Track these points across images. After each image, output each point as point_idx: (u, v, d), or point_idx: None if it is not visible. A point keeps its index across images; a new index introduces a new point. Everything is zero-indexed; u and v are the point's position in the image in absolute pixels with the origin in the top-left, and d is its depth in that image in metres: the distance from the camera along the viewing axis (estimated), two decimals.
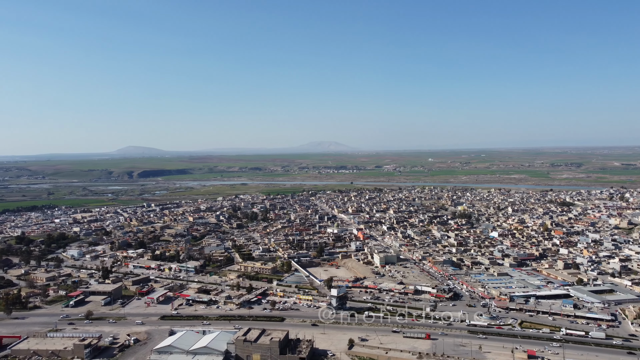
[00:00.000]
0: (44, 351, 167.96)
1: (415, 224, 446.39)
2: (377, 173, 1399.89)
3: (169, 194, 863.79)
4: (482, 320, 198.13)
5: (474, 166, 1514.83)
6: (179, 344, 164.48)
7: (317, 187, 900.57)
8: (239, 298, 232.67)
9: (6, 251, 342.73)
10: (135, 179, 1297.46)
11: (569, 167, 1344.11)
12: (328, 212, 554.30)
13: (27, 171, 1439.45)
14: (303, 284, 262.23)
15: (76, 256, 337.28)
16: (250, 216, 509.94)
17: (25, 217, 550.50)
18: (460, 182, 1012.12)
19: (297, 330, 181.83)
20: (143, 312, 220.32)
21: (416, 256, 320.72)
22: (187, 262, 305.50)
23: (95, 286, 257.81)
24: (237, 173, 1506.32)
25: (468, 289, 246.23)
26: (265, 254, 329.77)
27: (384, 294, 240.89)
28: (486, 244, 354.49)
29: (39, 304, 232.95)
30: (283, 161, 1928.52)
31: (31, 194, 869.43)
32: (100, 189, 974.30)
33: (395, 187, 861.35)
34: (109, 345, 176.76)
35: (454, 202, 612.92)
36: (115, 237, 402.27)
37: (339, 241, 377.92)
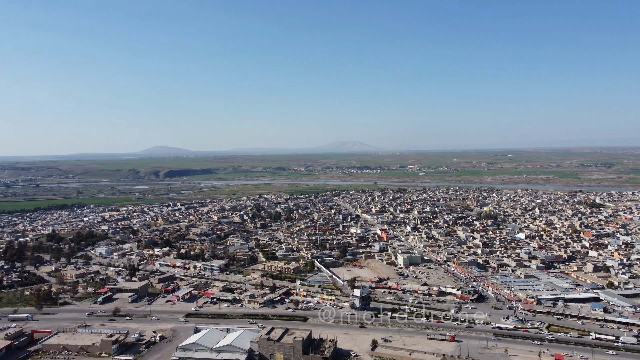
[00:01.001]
0: (73, 346, 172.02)
1: (439, 225, 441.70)
2: (401, 173, 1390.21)
3: (194, 193, 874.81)
4: (508, 323, 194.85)
5: (500, 166, 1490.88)
6: (204, 341, 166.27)
7: (340, 187, 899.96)
8: (263, 297, 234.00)
9: (38, 248, 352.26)
10: (161, 178, 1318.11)
11: (599, 168, 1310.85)
12: (351, 212, 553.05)
13: (57, 171, 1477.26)
14: (326, 283, 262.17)
15: (104, 254, 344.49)
16: (274, 216, 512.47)
17: (55, 216, 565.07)
18: (486, 182, 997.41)
19: (320, 330, 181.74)
20: (168, 309, 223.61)
21: (440, 257, 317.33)
22: (212, 261, 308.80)
23: (123, 283, 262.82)
24: (261, 173, 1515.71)
25: (494, 291, 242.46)
26: (288, 254, 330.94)
27: (408, 295, 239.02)
28: (512, 245, 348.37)
29: (68, 300, 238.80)
30: (307, 161, 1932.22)
31: (61, 193, 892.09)
32: (128, 189, 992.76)
33: (420, 188, 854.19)
34: (135, 342, 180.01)
35: (479, 202, 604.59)
36: (141, 236, 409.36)
37: (362, 241, 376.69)
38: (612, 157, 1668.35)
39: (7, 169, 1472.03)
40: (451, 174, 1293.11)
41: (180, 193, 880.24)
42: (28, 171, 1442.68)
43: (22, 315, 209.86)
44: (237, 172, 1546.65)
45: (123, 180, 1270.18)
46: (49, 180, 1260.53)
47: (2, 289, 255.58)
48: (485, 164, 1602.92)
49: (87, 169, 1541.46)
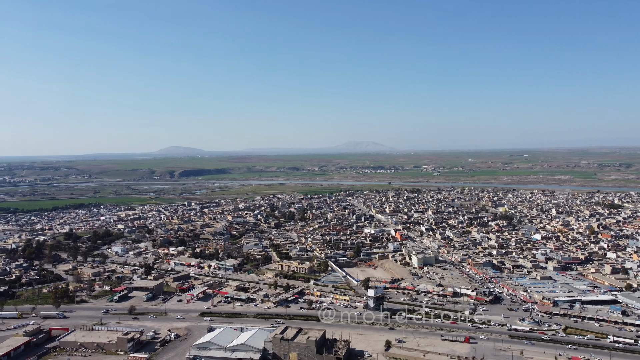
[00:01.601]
0: (90, 344, 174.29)
1: (454, 225, 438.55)
2: (415, 173, 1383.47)
3: (208, 193, 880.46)
4: (524, 324, 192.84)
5: (516, 167, 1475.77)
6: (218, 340, 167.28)
7: (354, 187, 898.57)
8: (276, 297, 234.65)
9: (55, 247, 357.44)
10: (176, 178, 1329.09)
11: (618, 168, 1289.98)
12: (365, 212, 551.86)
13: (75, 170, 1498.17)
14: (340, 284, 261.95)
15: (120, 253, 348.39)
16: (288, 216, 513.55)
17: (73, 215, 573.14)
18: (502, 182, 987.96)
19: (334, 330, 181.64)
20: (183, 308, 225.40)
21: (455, 258, 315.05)
22: (226, 260, 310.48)
23: (138, 282, 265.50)
24: (275, 173, 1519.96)
25: (509, 293, 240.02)
26: (302, 254, 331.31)
27: (422, 295, 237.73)
28: (528, 246, 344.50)
29: (85, 298, 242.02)
30: (320, 161, 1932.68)
31: (79, 192, 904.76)
32: (144, 188, 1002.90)
33: (434, 188, 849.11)
34: (150, 340, 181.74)
35: (494, 203, 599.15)
36: (157, 235, 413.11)
37: (376, 242, 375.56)
38: (631, 157, 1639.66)
39: (26, 169, 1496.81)
40: (466, 174, 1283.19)
41: (195, 193, 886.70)
42: (46, 171, 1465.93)
43: (53, 312, 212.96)
44: (251, 172, 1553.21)
45: (139, 179, 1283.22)
46: (67, 179, 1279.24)
47: (21, 287, 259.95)
48: (500, 164, 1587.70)
49: (104, 168, 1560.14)
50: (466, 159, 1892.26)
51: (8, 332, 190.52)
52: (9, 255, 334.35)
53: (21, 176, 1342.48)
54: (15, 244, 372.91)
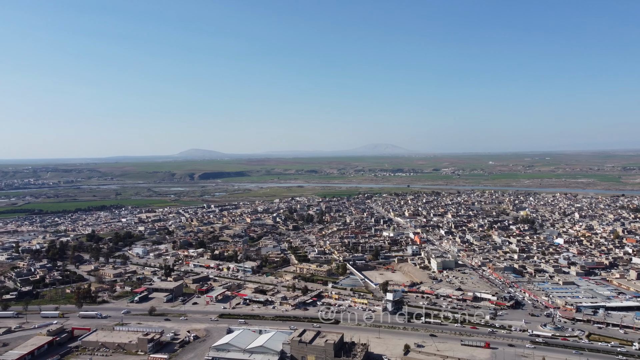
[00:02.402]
0: (111, 344, 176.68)
1: (474, 229, 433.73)
2: (434, 176, 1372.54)
3: (227, 195, 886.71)
4: (546, 330, 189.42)
5: (537, 169, 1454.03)
6: (237, 342, 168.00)
7: (373, 190, 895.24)
8: (295, 299, 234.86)
9: (78, 248, 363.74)
10: (196, 180, 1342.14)
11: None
12: (384, 215, 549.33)
13: (97, 173, 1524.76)
14: (358, 287, 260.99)
15: (141, 254, 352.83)
16: (306, 218, 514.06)
17: (95, 216, 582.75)
18: (523, 186, 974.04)
19: (352, 334, 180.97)
20: (202, 309, 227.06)
21: (475, 262, 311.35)
22: (245, 262, 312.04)
23: (158, 283, 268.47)
24: (294, 175, 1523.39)
25: (531, 298, 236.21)
26: (320, 256, 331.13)
27: (441, 300, 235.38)
28: (550, 251, 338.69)
29: (106, 298, 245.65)
30: (339, 164, 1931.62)
31: (101, 194, 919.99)
32: (164, 190, 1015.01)
33: (454, 191, 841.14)
34: (170, 341, 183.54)
35: (516, 206, 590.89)
36: (177, 237, 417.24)
37: (394, 245, 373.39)
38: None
39: (50, 171, 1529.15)
40: (486, 177, 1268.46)
41: (214, 195, 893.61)
42: (70, 173, 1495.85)
43: (92, 312, 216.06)
44: (270, 175, 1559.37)
45: (159, 182, 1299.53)
46: (89, 182, 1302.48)
47: (45, 287, 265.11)
48: (522, 167, 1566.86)
49: (125, 171, 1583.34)
50: (486, 161, 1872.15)
51: (32, 331, 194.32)
52: (34, 255, 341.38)
53: (45, 178, 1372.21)
54: (39, 244, 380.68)
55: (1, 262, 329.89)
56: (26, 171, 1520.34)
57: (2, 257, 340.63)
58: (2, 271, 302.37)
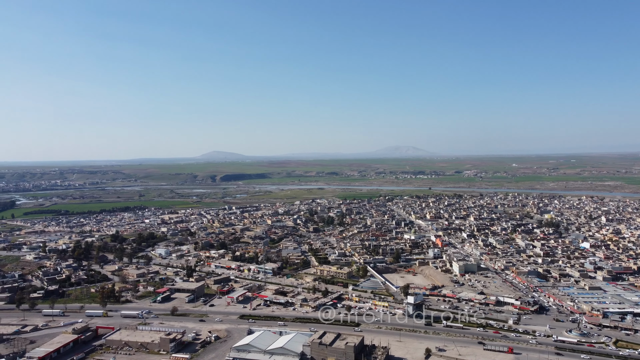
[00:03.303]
0: (134, 343, 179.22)
1: (497, 232, 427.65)
2: (456, 178, 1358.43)
3: (248, 197, 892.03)
4: (572, 336, 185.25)
5: (562, 172, 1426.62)
6: (257, 343, 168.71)
7: (394, 192, 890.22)
8: (315, 301, 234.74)
9: (103, 248, 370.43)
10: (217, 182, 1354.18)
11: None
12: (405, 217, 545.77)
13: (121, 174, 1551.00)
14: (379, 289, 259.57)
15: (163, 255, 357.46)
16: (327, 220, 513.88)
17: (119, 217, 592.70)
18: (548, 188, 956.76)
19: (372, 336, 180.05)
20: (223, 310, 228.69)
21: (498, 266, 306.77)
22: (265, 264, 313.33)
23: (180, 284, 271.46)
24: (314, 177, 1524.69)
25: (555, 303, 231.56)
26: (341, 259, 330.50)
27: (463, 303, 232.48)
28: (576, 255, 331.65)
29: (130, 298, 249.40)
30: (360, 166, 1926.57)
31: (125, 195, 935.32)
32: (186, 192, 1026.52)
33: (476, 194, 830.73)
34: (191, 341, 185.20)
35: (540, 209, 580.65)
36: (198, 238, 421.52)
37: (416, 247, 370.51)
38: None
39: (76, 173, 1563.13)
40: (510, 179, 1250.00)
41: (235, 197, 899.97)
42: (95, 175, 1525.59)
43: (134, 312, 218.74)
44: (290, 177, 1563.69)
45: (182, 183, 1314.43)
46: (114, 183, 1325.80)
47: (70, 286, 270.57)
48: (546, 169, 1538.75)
49: (149, 173, 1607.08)
50: (510, 164, 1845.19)
51: (58, 329, 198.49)
52: (60, 255, 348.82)
53: (71, 180, 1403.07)
54: (65, 244, 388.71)
55: (29, 261, 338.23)
56: (53, 173, 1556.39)
57: (30, 257, 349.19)
58: (30, 270, 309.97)
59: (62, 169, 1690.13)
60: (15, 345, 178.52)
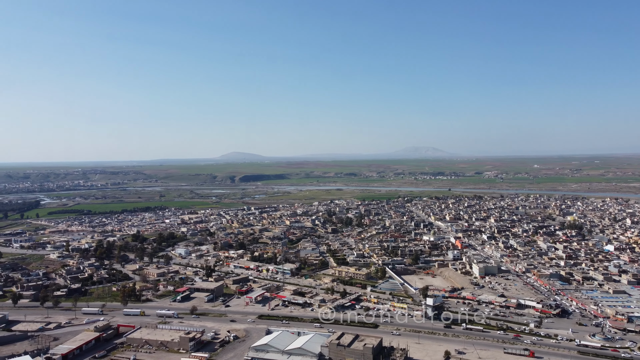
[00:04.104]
0: (154, 341, 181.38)
1: (518, 234, 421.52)
2: (476, 180, 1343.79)
3: (267, 197, 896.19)
4: (595, 341, 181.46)
5: (586, 173, 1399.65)
6: (275, 343, 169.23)
7: (412, 194, 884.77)
8: (333, 302, 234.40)
9: (124, 248, 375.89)
10: (236, 183, 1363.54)
11: None
12: (424, 219, 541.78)
13: (142, 175, 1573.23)
14: (397, 291, 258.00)
15: (183, 254, 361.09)
16: (345, 221, 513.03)
17: (140, 217, 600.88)
18: (570, 190, 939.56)
19: (391, 338, 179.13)
20: (242, 310, 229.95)
21: (519, 268, 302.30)
22: (284, 265, 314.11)
23: (200, 283, 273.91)
24: (333, 178, 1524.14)
25: (578, 306, 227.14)
26: (359, 260, 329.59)
27: (483, 306, 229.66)
28: (600, 258, 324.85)
29: (150, 297, 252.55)
30: (378, 167, 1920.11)
31: (145, 195, 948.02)
32: (206, 192, 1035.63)
33: (497, 195, 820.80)
34: (210, 340, 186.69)
35: (562, 211, 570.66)
36: (218, 238, 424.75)
37: (435, 249, 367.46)
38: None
39: (98, 173, 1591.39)
40: (531, 180, 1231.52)
41: (254, 197, 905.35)
42: (117, 175, 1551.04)
43: (169, 312, 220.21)
44: (309, 178, 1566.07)
45: (201, 184, 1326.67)
46: (135, 183, 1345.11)
47: (92, 285, 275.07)
48: (569, 170, 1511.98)
49: (169, 173, 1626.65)
50: (531, 165, 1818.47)
51: (80, 327, 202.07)
52: (83, 254, 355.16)
53: (94, 180, 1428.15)
54: (88, 244, 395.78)
55: (53, 260, 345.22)
56: (76, 173, 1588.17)
57: (54, 256, 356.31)
58: (54, 269, 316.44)
59: (85, 170, 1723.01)
60: (40, 342, 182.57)
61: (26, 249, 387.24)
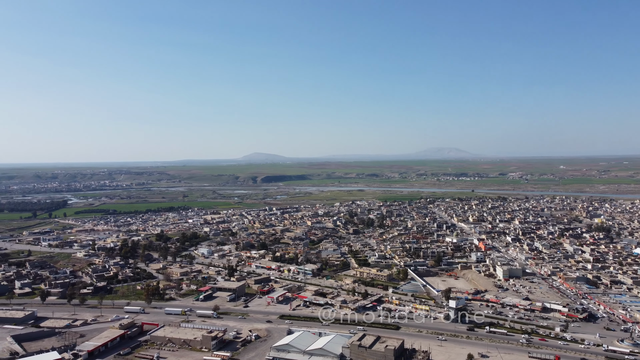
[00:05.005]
0: (177, 339, 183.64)
1: (543, 236, 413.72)
2: (501, 181, 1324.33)
3: (289, 198, 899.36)
4: (624, 346, 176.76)
5: (614, 174, 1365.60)
6: (297, 343, 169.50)
7: (435, 195, 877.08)
8: (354, 303, 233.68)
9: (148, 247, 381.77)
10: (258, 183, 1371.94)
11: None
12: (447, 220, 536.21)
13: (166, 175, 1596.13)
14: (419, 293, 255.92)
15: (206, 254, 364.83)
16: (367, 222, 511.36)
17: (164, 217, 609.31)
18: (598, 192, 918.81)
19: (413, 340, 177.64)
20: (264, 310, 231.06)
21: (544, 271, 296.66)
22: (305, 265, 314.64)
23: (222, 283, 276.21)
24: (354, 179, 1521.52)
25: (606, 311, 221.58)
26: (381, 261, 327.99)
27: (507, 309, 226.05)
28: (629, 261, 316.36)
29: (173, 296, 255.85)
30: (400, 168, 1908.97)
31: (169, 196, 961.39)
32: (228, 193, 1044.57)
33: (522, 196, 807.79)
34: (232, 339, 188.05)
35: (589, 213, 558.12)
36: (240, 238, 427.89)
37: (458, 251, 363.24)
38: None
39: (123, 174, 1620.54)
40: (557, 182, 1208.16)
41: (276, 198, 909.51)
42: (141, 175, 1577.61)
43: (207, 312, 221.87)
44: (330, 178, 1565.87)
45: (224, 185, 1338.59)
46: (159, 184, 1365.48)
47: (117, 283, 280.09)
48: (596, 171, 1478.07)
49: (192, 174, 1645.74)
50: (557, 166, 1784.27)
51: (105, 324, 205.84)
52: (108, 253, 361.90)
53: (119, 180, 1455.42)
54: (113, 243, 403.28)
55: (79, 258, 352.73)
56: (102, 173, 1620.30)
57: (81, 254, 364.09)
58: (81, 267, 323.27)
59: (111, 170, 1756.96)
60: (67, 339, 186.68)
61: (54, 248, 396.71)
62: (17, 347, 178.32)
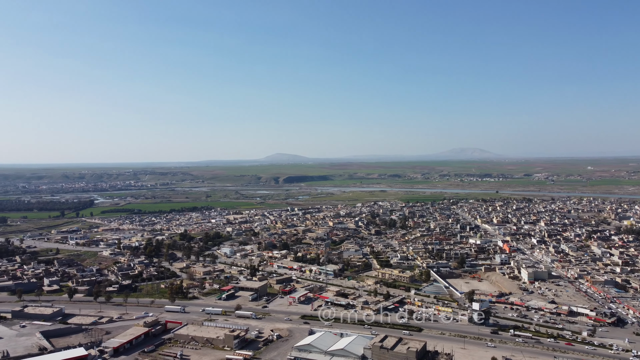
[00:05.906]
0: (200, 338, 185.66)
1: (570, 239, 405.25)
2: (525, 182, 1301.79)
3: (310, 199, 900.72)
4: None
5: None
6: (318, 343, 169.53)
7: (458, 196, 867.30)
8: (376, 304, 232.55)
9: (172, 246, 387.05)
10: (280, 184, 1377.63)
11: None
12: (470, 221, 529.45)
13: (190, 176, 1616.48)
14: (442, 295, 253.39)
15: (228, 254, 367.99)
16: (389, 223, 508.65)
17: (187, 217, 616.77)
18: (627, 193, 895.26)
19: (435, 342, 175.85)
20: (285, 310, 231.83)
21: (571, 274, 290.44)
22: (327, 265, 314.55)
23: (244, 282, 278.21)
24: (376, 180, 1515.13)
25: (635, 315, 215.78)
26: (403, 262, 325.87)
27: (532, 312, 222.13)
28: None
29: (196, 294, 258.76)
30: (423, 168, 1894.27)
31: (192, 196, 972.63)
32: (250, 193, 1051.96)
33: (547, 198, 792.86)
34: (254, 339, 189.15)
35: (618, 215, 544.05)
36: (262, 238, 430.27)
37: (481, 253, 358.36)
38: None
39: (148, 174, 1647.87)
40: (584, 183, 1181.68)
41: (297, 198, 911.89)
42: (165, 176, 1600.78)
43: (247, 313, 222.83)
44: (352, 179, 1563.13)
45: (246, 185, 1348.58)
46: (182, 184, 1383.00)
47: (142, 281, 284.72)
48: (625, 172, 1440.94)
49: (215, 174, 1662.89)
50: (584, 166, 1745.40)
51: (130, 321, 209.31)
52: (133, 252, 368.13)
53: (144, 180, 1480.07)
54: (138, 242, 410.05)
55: (105, 257, 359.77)
56: (127, 174, 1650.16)
57: (107, 253, 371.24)
58: (106, 265, 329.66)
59: (136, 170, 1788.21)
60: (93, 335, 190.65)
61: (81, 246, 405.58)
62: (46, 343, 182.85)
